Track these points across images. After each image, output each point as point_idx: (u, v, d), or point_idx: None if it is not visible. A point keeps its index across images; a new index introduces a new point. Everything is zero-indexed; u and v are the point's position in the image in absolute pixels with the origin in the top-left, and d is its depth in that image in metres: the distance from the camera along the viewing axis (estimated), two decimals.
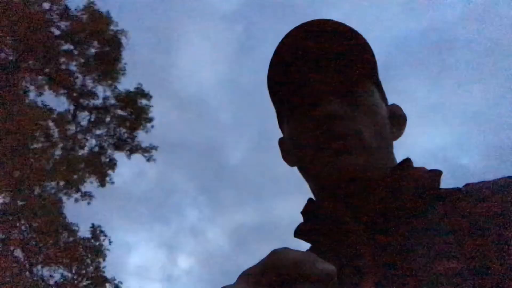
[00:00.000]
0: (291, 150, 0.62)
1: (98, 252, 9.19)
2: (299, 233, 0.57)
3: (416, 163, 0.57)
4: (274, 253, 0.35)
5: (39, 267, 8.84)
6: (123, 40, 8.41)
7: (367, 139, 0.54)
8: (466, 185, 0.54)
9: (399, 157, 0.59)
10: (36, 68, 8.54)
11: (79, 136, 9.08)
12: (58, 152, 9.30)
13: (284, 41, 0.58)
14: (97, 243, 9.25)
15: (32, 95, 9.10)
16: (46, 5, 8.48)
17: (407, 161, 0.57)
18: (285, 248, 0.35)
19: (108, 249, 9.24)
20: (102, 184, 9.40)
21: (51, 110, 9.15)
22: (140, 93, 8.61)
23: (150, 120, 8.77)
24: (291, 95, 0.59)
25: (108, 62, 8.47)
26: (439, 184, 0.55)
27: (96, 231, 9.23)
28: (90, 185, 9.29)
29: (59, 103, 9.15)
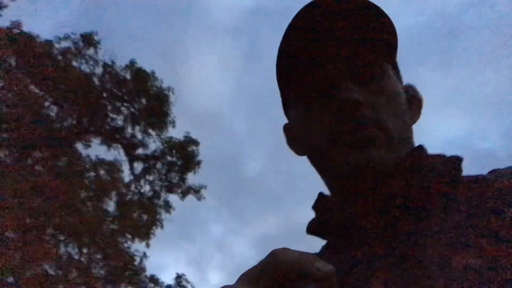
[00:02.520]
0: (299, 138, 0.58)
1: None
2: (311, 229, 0.55)
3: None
4: (273, 253, 0.34)
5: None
6: (171, 97, 9.14)
7: (391, 129, 0.50)
8: (491, 172, 0.50)
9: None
10: (91, 130, 9.27)
11: (134, 184, 9.81)
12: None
13: (294, 21, 0.52)
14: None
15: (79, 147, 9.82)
16: (98, 70, 9.17)
17: (420, 148, 0.53)
18: (284, 248, 0.34)
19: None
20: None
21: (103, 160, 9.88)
22: (189, 140, 9.35)
23: (199, 163, 9.49)
24: (302, 78, 0.54)
25: (156, 115, 9.19)
26: (459, 172, 0.51)
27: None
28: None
29: (109, 154, 9.88)
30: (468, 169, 0.51)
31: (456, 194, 0.48)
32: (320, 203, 0.55)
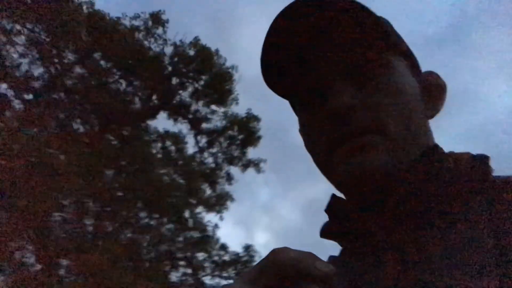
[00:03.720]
0: (308, 145, 0.54)
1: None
2: (325, 233, 0.52)
3: (501, 122, 0.53)
4: (274, 252, 0.34)
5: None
6: (235, 75, 9.44)
7: (392, 131, 0.46)
8: None
9: (481, 121, 0.55)
10: (156, 105, 9.85)
11: (198, 155, 10.43)
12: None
13: (280, 18, 0.47)
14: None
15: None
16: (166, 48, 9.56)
17: (434, 149, 0.48)
18: (285, 248, 0.34)
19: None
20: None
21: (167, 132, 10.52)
22: (251, 117, 9.75)
23: (259, 138, 9.89)
24: (295, 83, 0.51)
25: (219, 92, 9.58)
26: (486, 173, 0.45)
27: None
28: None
29: (175, 128, 10.48)
30: None
31: (479, 201, 0.43)
32: (333, 207, 0.51)
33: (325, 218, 0.54)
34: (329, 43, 0.48)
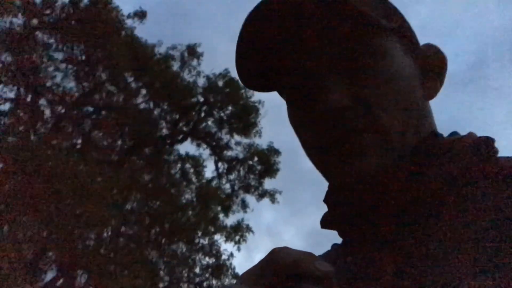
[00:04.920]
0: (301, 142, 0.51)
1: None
2: (325, 223, 0.51)
3: None
4: (274, 252, 0.34)
5: None
6: (261, 110, 9.91)
7: (388, 127, 0.44)
8: None
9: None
10: (184, 130, 10.29)
11: (215, 180, 10.81)
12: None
13: (254, 14, 0.44)
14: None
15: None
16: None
17: (432, 137, 0.46)
18: (285, 247, 0.34)
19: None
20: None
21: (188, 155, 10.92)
22: (272, 150, 10.18)
23: (277, 171, 10.29)
24: (281, 81, 0.48)
25: (244, 123, 10.03)
26: (491, 156, 0.43)
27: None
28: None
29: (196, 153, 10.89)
30: None
31: (483, 189, 0.41)
32: (332, 196, 0.50)
33: (327, 246, 0.54)
34: (311, 36, 0.45)
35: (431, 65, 0.51)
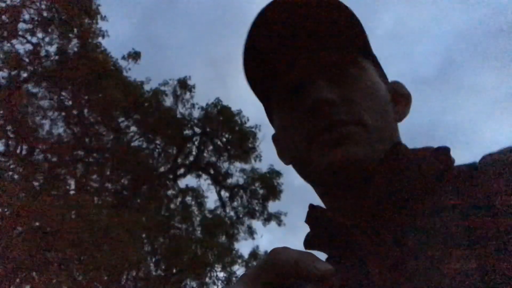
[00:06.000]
0: (282, 145, 0.56)
1: None
2: (309, 243, 0.53)
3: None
4: (274, 252, 0.35)
5: None
6: (258, 134, 9.98)
7: (370, 124, 0.48)
8: (484, 158, 0.46)
9: (477, 157, 0.48)
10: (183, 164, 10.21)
11: (219, 210, 10.71)
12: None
13: (257, 22, 0.50)
14: None
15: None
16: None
17: (399, 145, 0.49)
18: (285, 247, 0.35)
19: None
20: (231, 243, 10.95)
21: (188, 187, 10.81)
22: (274, 172, 10.22)
23: (281, 192, 10.30)
24: (274, 83, 0.53)
25: (242, 150, 10.05)
26: (450, 163, 0.48)
27: None
28: None
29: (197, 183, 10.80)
30: None
31: (445, 189, 0.45)
32: (312, 216, 0.52)
33: None
34: (308, 41, 0.50)
35: (399, 98, 0.57)
